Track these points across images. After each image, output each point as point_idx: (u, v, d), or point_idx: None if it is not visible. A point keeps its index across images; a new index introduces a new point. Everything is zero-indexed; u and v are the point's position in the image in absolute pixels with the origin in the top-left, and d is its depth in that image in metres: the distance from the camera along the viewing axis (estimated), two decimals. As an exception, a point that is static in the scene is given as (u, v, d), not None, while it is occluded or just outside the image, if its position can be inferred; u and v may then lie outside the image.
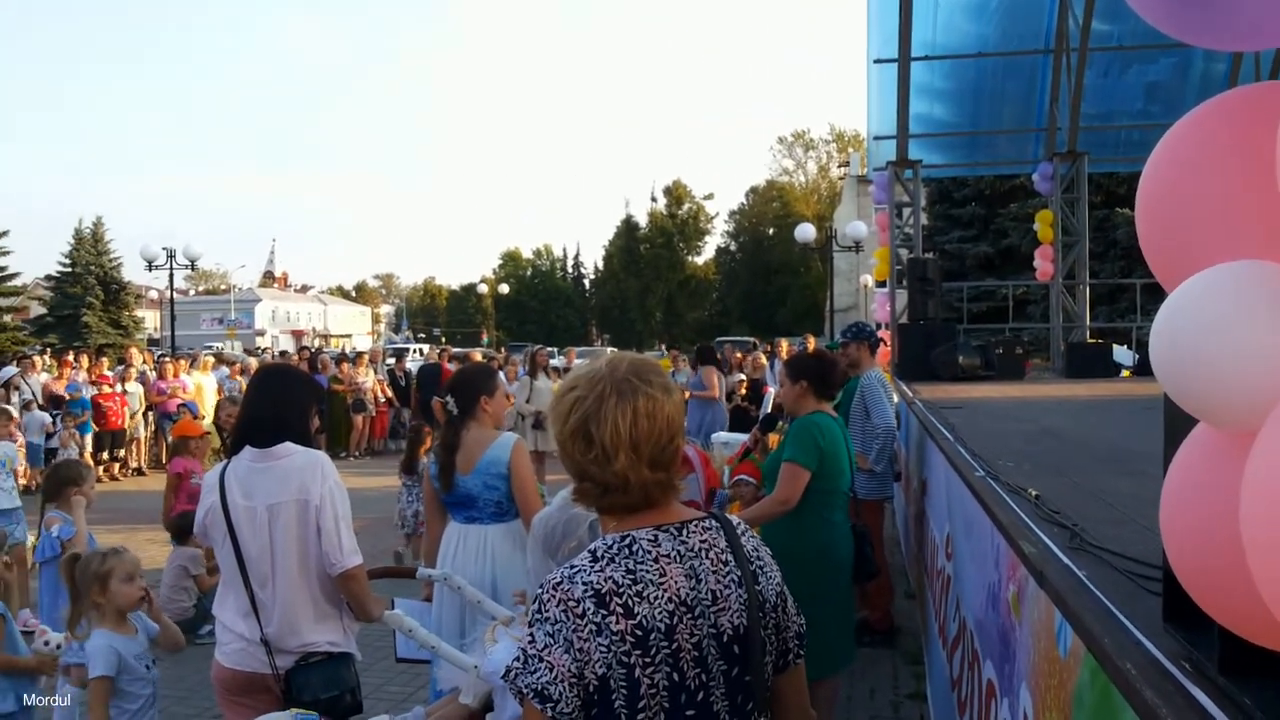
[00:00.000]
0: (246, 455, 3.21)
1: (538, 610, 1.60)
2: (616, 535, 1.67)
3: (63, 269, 43.46)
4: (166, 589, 6.86)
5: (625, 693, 1.56)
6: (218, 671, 3.25)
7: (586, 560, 1.64)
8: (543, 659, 1.56)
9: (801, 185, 73.52)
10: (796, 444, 4.41)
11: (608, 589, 1.59)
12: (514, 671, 1.58)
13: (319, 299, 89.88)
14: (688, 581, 1.65)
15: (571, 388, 1.75)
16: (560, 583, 1.61)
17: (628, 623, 1.57)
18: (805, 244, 26.64)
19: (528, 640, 1.59)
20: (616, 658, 1.56)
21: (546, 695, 1.54)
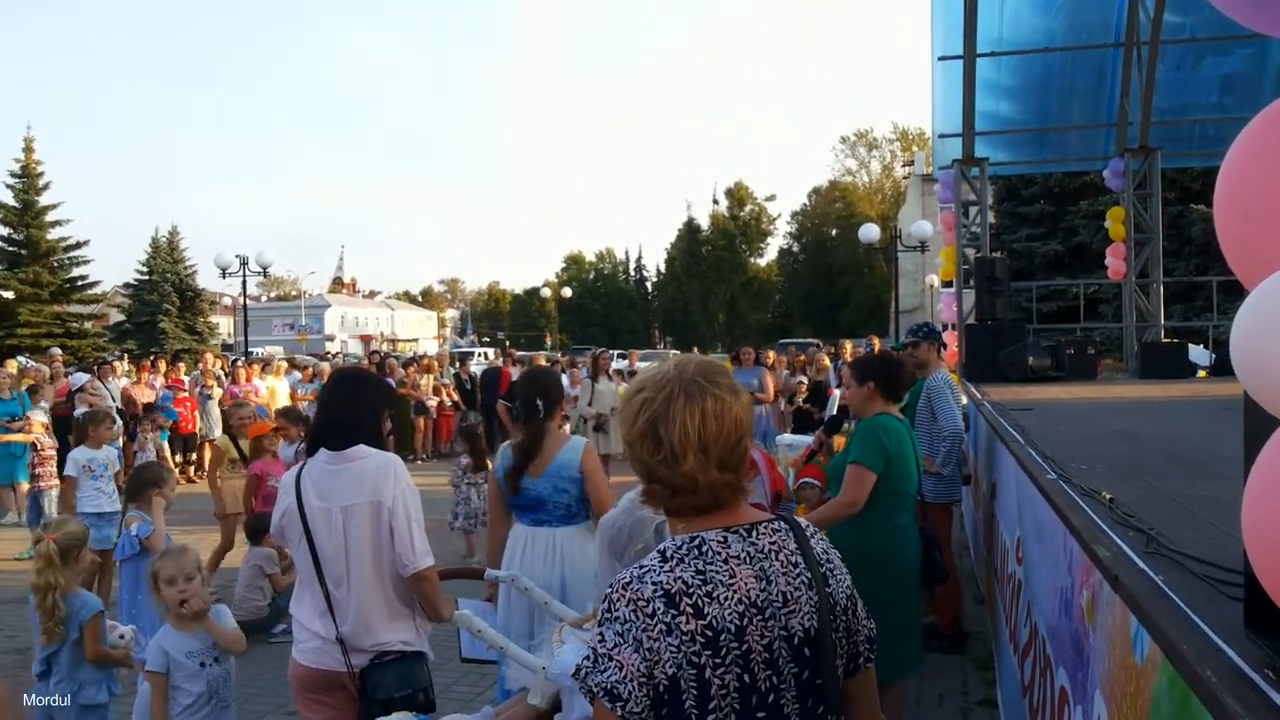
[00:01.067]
0: (321, 457, 3.27)
1: (607, 610, 1.61)
2: (686, 536, 1.67)
3: (140, 277, 44.71)
4: (242, 588, 7.03)
5: (695, 693, 1.56)
6: (294, 669, 3.32)
7: (656, 560, 1.64)
8: (612, 658, 1.56)
9: (865, 185, 72.87)
10: (862, 446, 4.37)
11: (677, 589, 1.59)
12: (584, 670, 1.59)
13: (386, 304, 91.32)
14: (758, 583, 1.65)
15: (639, 389, 1.76)
16: (630, 582, 1.61)
17: (698, 623, 1.57)
18: (869, 244, 26.40)
19: (597, 639, 1.59)
20: (686, 658, 1.56)
21: (616, 694, 1.54)
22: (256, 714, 5.46)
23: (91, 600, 4.20)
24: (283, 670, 5.94)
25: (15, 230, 36.73)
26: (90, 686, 4.10)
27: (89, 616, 4.09)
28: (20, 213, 36.68)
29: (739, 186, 67.08)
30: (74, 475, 7.22)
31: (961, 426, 6.37)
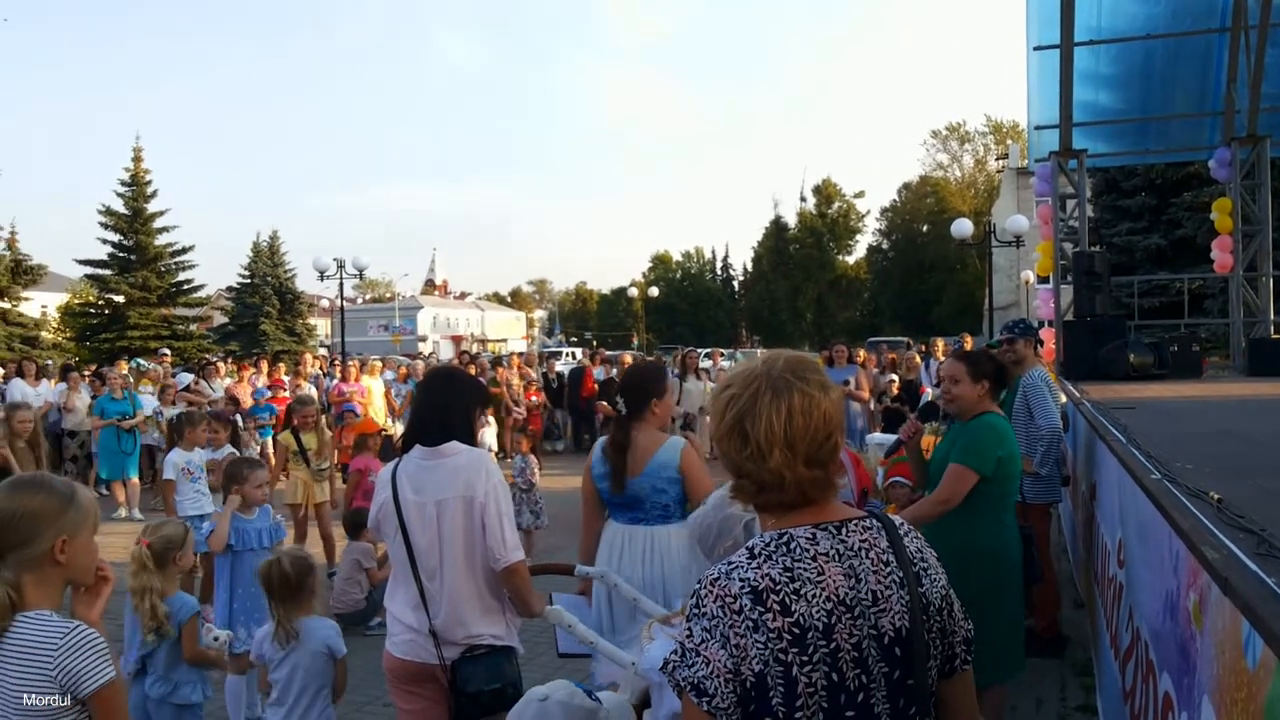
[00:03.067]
0: (416, 453, 3.35)
1: (695, 605, 1.62)
2: (774, 533, 1.67)
3: (242, 280, 46.17)
4: (341, 581, 7.21)
5: (783, 690, 1.56)
6: (388, 661, 3.39)
7: (744, 557, 1.64)
8: (699, 653, 1.57)
9: (957, 179, 71.44)
10: (972, 448, 4.26)
11: (765, 586, 1.59)
12: (672, 664, 1.61)
13: (477, 305, 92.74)
14: (846, 581, 1.63)
15: (727, 385, 1.77)
16: (717, 579, 1.62)
17: (785, 620, 1.57)
18: (962, 240, 25.81)
19: (685, 634, 1.61)
20: (773, 655, 1.56)
21: (703, 689, 1.56)
22: (354, 704, 5.57)
23: (189, 601, 4.27)
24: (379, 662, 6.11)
25: (125, 236, 38.20)
26: (185, 686, 4.19)
27: (186, 617, 4.17)
28: (130, 220, 38.16)
29: (827, 183, 66.47)
30: (172, 478, 7.28)
31: (1059, 425, 6.20)
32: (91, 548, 2.37)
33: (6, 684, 2.20)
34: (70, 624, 2.24)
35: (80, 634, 2.22)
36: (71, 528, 2.29)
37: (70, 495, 2.35)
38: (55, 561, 2.27)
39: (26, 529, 2.26)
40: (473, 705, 3.20)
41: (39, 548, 2.25)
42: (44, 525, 2.26)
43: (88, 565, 2.35)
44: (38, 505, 2.29)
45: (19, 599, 2.24)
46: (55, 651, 2.18)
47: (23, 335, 33.21)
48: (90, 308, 39.86)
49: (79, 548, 2.31)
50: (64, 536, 2.28)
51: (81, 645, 2.20)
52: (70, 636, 2.20)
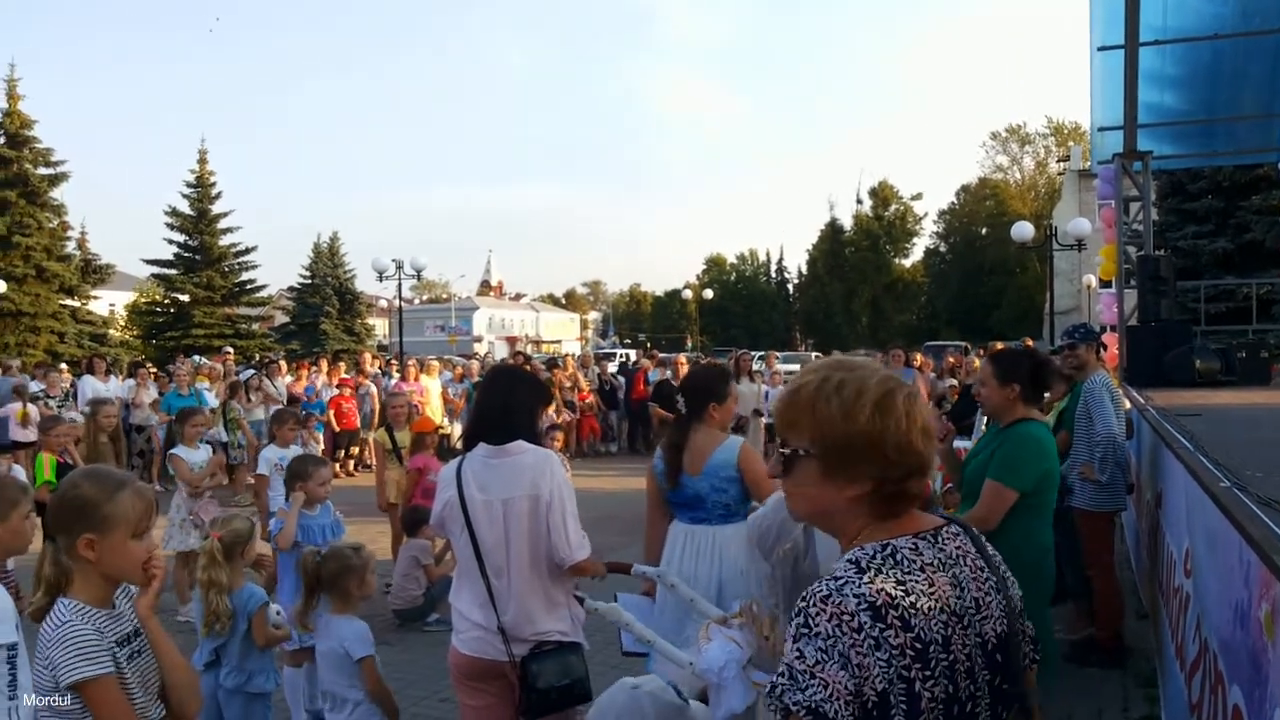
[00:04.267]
0: (480, 451, 3.37)
1: (803, 624, 1.52)
2: (876, 544, 1.60)
3: (303, 280, 46.96)
4: (399, 578, 7.30)
5: (905, 708, 1.50)
6: (455, 657, 3.42)
7: (851, 571, 1.56)
8: (815, 675, 1.48)
9: (1017, 182, 70.34)
10: (1011, 463, 4.10)
11: (882, 601, 1.52)
12: (780, 688, 1.50)
13: (531, 306, 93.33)
14: (953, 590, 1.60)
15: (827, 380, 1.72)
16: (829, 595, 1.53)
17: (906, 636, 1.51)
18: (1022, 243, 25.42)
19: (794, 656, 1.51)
20: (897, 672, 1.50)
21: (821, 712, 1.46)
22: (412, 699, 5.64)
23: (257, 593, 4.35)
24: (437, 658, 6.19)
25: (190, 237, 39.08)
26: (259, 676, 4.28)
27: (255, 608, 4.25)
28: (195, 221, 39.02)
29: (883, 185, 65.79)
30: (265, 474, 7.48)
31: (1117, 431, 6.09)
32: (126, 549, 2.37)
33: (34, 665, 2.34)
34: (66, 619, 2.30)
35: (67, 629, 2.28)
36: (103, 527, 2.34)
37: (108, 496, 2.37)
38: (83, 556, 2.33)
39: (70, 517, 2.35)
40: (543, 701, 3.23)
41: (72, 539, 2.34)
42: (79, 518, 2.34)
43: (124, 565, 2.37)
44: (79, 496, 2.37)
45: (66, 583, 2.34)
46: (48, 643, 2.28)
47: (92, 333, 34.12)
48: (156, 307, 40.85)
49: (108, 548, 2.34)
50: (91, 535, 2.33)
51: (64, 640, 2.27)
52: (59, 630, 2.28)
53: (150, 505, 2.46)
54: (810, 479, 1.66)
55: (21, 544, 2.97)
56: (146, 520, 2.43)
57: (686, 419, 4.18)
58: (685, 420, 4.18)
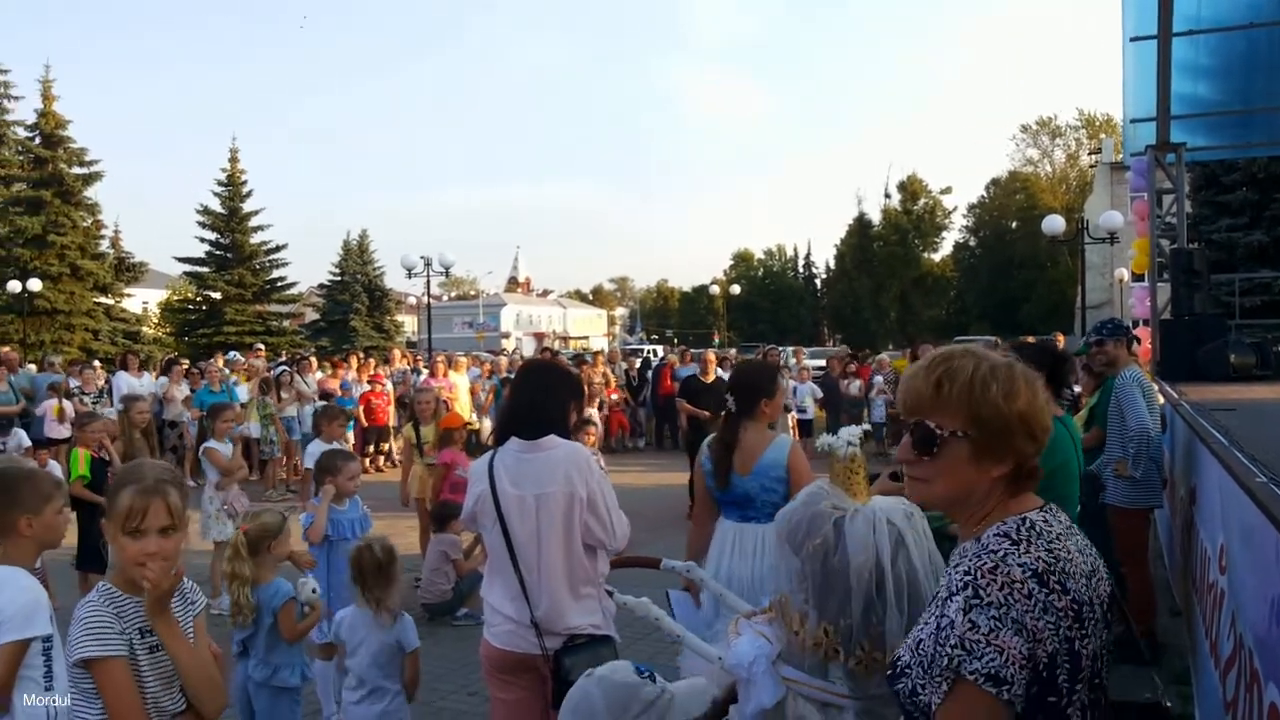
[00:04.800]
0: (513, 445, 3.37)
1: (973, 596, 1.61)
2: (1016, 518, 1.72)
3: (333, 278, 47.31)
4: (429, 572, 7.34)
5: (1068, 667, 1.61)
6: (487, 650, 3.43)
7: (1006, 544, 1.67)
8: (990, 643, 1.57)
9: (1048, 175, 69.61)
10: None
11: (1043, 567, 1.63)
12: (955, 659, 1.58)
13: (559, 303, 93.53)
14: (1080, 557, 1.72)
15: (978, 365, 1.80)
16: (995, 567, 1.63)
17: (1066, 599, 1.62)
18: (1053, 236, 25.13)
19: (966, 628, 1.59)
20: (1061, 634, 1.60)
21: (1000, 678, 1.56)
22: (441, 693, 5.69)
23: (284, 587, 4.33)
24: (465, 652, 6.24)
25: (222, 235, 39.49)
26: (284, 670, 4.28)
27: (280, 603, 4.26)
28: (227, 219, 39.42)
29: (912, 179, 65.20)
30: (310, 468, 7.59)
31: (1151, 426, 6.02)
32: (119, 542, 2.47)
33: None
34: (91, 599, 2.46)
35: (88, 609, 2.43)
36: (113, 517, 2.47)
37: (116, 489, 2.51)
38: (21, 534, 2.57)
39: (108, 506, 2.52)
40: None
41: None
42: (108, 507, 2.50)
43: (121, 556, 2.49)
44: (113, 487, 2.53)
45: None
46: (73, 621, 2.42)
47: (125, 330, 34.58)
48: (189, 304, 41.32)
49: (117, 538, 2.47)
50: (109, 522, 2.47)
51: (82, 618, 2.42)
52: (82, 609, 2.43)
53: (149, 508, 2.46)
54: (960, 461, 1.73)
55: (55, 538, 3.03)
56: (138, 520, 2.44)
57: (736, 416, 4.14)
58: (735, 418, 4.14)
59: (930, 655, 1.64)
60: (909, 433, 1.77)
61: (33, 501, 2.96)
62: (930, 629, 1.68)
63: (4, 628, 2.81)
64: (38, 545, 3.02)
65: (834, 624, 2.83)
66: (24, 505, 2.94)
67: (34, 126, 33.75)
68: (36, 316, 31.09)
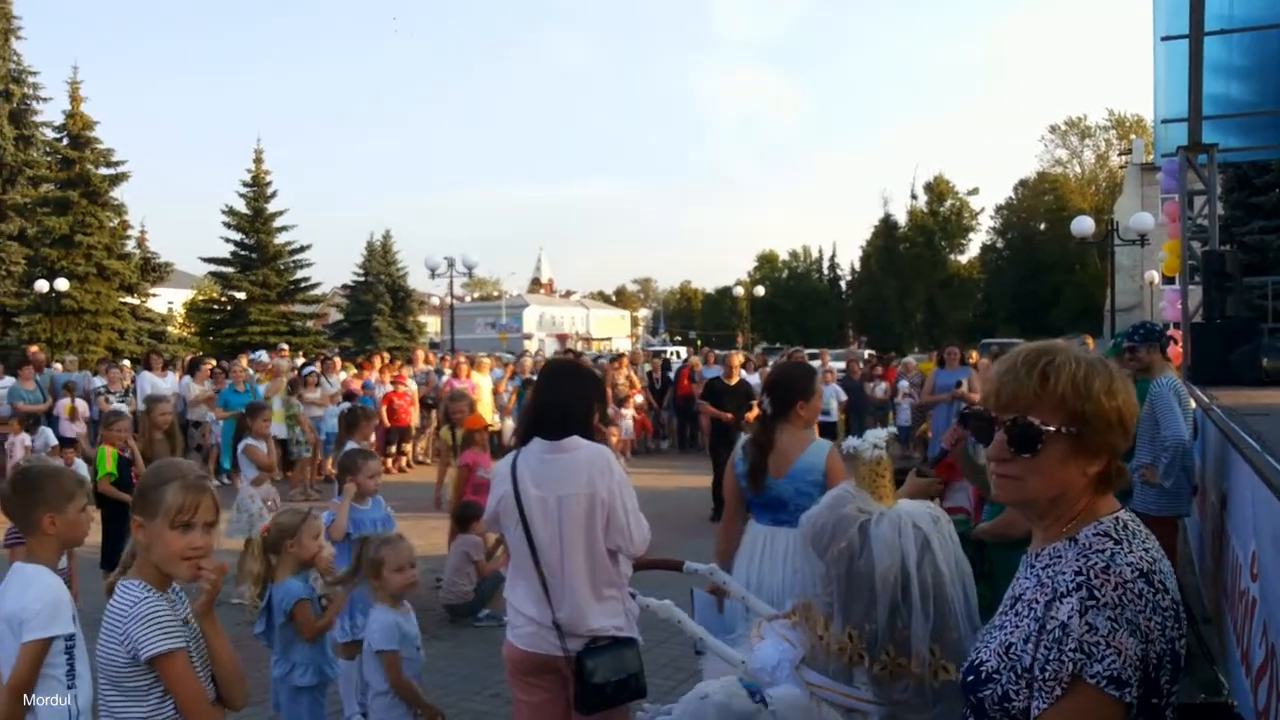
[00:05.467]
0: (536, 446, 3.35)
1: (1088, 597, 1.57)
2: (1110, 517, 1.69)
3: (356, 278, 47.53)
4: (450, 573, 7.35)
5: (1169, 667, 1.58)
6: (510, 652, 3.41)
7: (1108, 543, 1.65)
8: (1109, 644, 1.53)
9: (1077, 176, 69.03)
10: None
11: (1147, 567, 1.61)
12: (1076, 663, 1.53)
13: (582, 304, 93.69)
14: (1161, 555, 1.68)
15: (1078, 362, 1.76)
16: (1107, 567, 1.60)
17: (1169, 598, 1.60)
18: (1082, 238, 24.92)
19: (1084, 630, 1.55)
20: (1167, 634, 1.58)
21: (1121, 680, 1.52)
22: (462, 694, 5.68)
23: (294, 588, 4.27)
24: (487, 653, 6.23)
25: (247, 235, 39.72)
26: (299, 669, 4.24)
27: (290, 604, 4.23)
28: (251, 219, 39.65)
29: (939, 181, 64.80)
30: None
31: (1185, 437, 5.92)
32: (164, 537, 2.48)
33: (100, 642, 2.45)
34: (143, 596, 2.44)
35: (145, 606, 2.42)
36: (148, 513, 2.48)
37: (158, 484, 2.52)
38: (139, 539, 2.50)
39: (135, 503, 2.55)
40: (598, 696, 3.20)
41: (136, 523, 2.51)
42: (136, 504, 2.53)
43: (163, 552, 2.48)
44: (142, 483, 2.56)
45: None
46: (125, 619, 2.40)
47: (151, 330, 34.87)
48: (214, 304, 41.62)
49: (152, 533, 2.48)
50: (139, 519, 2.48)
51: (144, 616, 2.40)
52: (137, 606, 2.41)
53: (200, 503, 2.52)
54: (1058, 458, 1.68)
55: (78, 535, 3.05)
56: (190, 514, 2.49)
57: (772, 418, 4.10)
58: (771, 420, 4.10)
59: (1031, 659, 1.59)
60: (1003, 430, 1.70)
61: (56, 499, 2.99)
62: (1024, 633, 1.63)
63: (27, 626, 2.84)
64: (61, 543, 3.05)
65: (859, 628, 2.80)
66: (48, 503, 2.97)
67: (62, 128, 34.08)
68: (64, 316, 31.38)
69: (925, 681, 2.77)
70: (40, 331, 30.16)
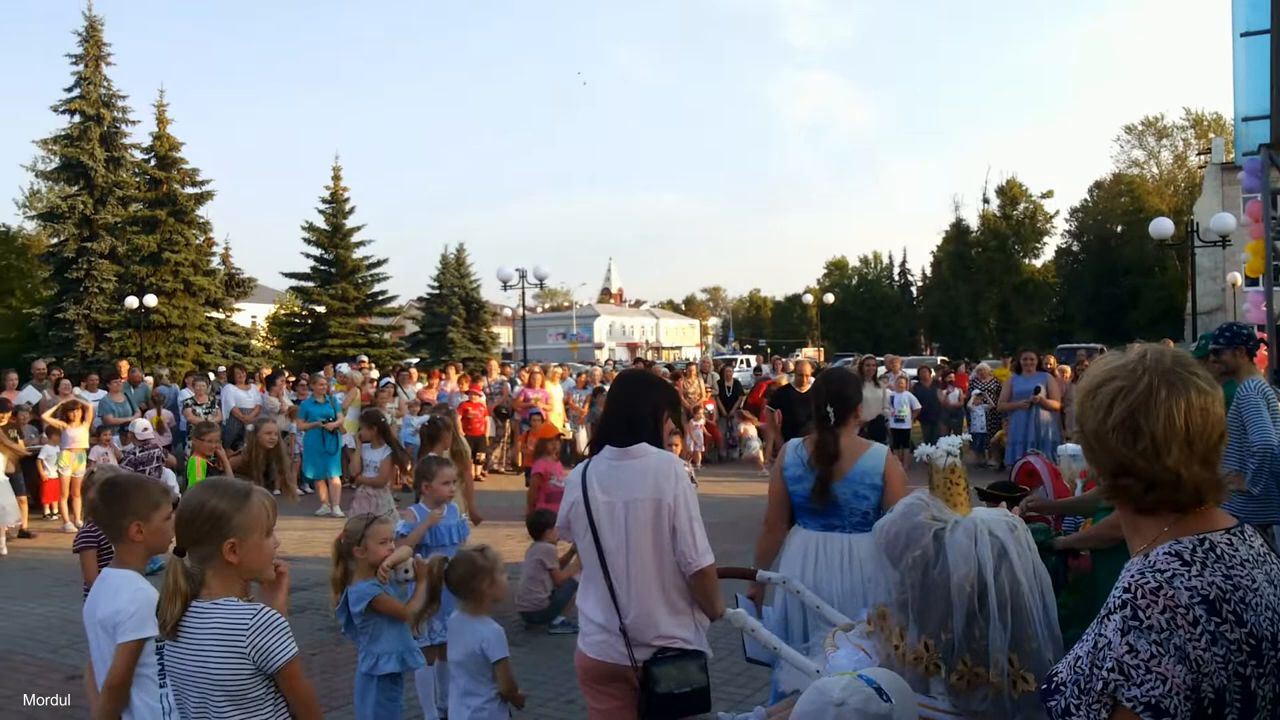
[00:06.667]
0: (606, 454, 3.38)
1: (1132, 617, 1.51)
2: (1194, 538, 1.59)
3: (431, 291, 48.26)
4: (525, 581, 7.43)
5: (1239, 707, 1.49)
6: (581, 660, 3.43)
7: (1176, 564, 1.55)
8: (1151, 670, 1.46)
9: (1154, 177, 67.17)
10: None
11: (1215, 595, 1.51)
12: (1112, 684, 1.48)
13: (651, 313, 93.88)
14: (1270, 588, 1.58)
15: (1110, 378, 1.67)
16: (1159, 588, 1.52)
17: (1240, 631, 1.50)
18: (1161, 240, 24.27)
19: (1124, 650, 1.49)
20: (1233, 669, 1.48)
21: (1162, 709, 1.45)
22: (539, 700, 5.72)
23: (365, 590, 4.47)
24: (562, 660, 6.30)
25: (326, 250, 40.62)
26: (384, 658, 4.46)
27: (365, 604, 4.43)
28: (330, 235, 40.55)
29: (1011, 183, 63.64)
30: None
31: (1274, 440, 5.74)
32: (263, 548, 2.62)
33: (201, 662, 2.50)
34: (257, 607, 2.53)
35: (267, 616, 2.51)
36: (242, 530, 2.56)
37: (243, 500, 2.60)
38: (227, 560, 2.55)
39: (204, 528, 2.55)
40: (662, 707, 3.19)
41: (213, 546, 2.54)
42: (218, 526, 2.55)
43: (260, 564, 2.62)
44: (213, 507, 2.56)
45: (203, 588, 2.54)
46: (247, 632, 2.47)
47: (235, 343, 35.80)
48: (295, 318, 42.60)
49: (250, 548, 2.57)
50: (233, 539, 2.55)
51: (268, 626, 2.50)
52: (258, 619, 2.50)
53: (275, 506, 2.71)
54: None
55: (163, 543, 3.20)
56: (274, 520, 2.68)
57: (835, 426, 4.10)
58: (834, 426, 4.10)
59: (1086, 675, 1.53)
60: None
61: (143, 508, 3.15)
62: (1088, 645, 1.57)
63: (123, 628, 3.01)
64: (147, 550, 3.21)
65: (935, 638, 2.79)
66: (135, 511, 3.13)
67: (149, 149, 35.27)
68: (153, 331, 32.40)
69: (1004, 691, 2.75)
70: (131, 346, 31.16)
